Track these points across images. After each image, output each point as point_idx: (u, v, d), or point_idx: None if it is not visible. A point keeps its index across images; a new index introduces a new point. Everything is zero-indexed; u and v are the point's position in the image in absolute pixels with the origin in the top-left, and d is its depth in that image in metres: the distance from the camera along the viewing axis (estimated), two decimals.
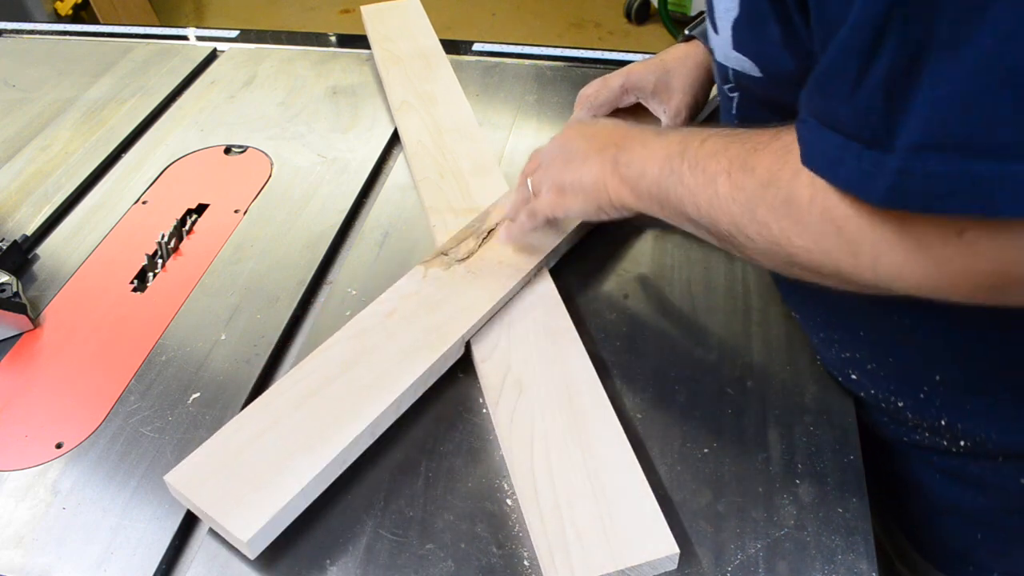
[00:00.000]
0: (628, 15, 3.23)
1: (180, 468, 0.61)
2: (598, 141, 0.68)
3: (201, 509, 0.59)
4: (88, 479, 0.65)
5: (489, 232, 0.79)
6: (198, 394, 0.70)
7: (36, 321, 0.78)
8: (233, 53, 1.19)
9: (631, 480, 0.60)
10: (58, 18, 3.00)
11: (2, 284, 0.78)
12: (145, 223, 0.89)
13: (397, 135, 0.99)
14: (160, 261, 0.84)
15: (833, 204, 0.45)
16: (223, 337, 0.75)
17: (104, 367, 0.73)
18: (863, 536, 0.58)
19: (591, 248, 0.83)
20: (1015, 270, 0.40)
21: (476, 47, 1.18)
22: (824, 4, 0.44)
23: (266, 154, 0.98)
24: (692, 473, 0.63)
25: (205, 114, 1.06)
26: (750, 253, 0.53)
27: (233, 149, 1.00)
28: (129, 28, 1.29)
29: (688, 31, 0.86)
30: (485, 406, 0.68)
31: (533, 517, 0.58)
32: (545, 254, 0.77)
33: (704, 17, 0.70)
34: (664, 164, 0.59)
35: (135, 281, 0.82)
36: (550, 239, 0.78)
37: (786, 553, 0.58)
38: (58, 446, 0.67)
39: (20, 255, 0.85)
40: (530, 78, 1.09)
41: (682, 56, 0.84)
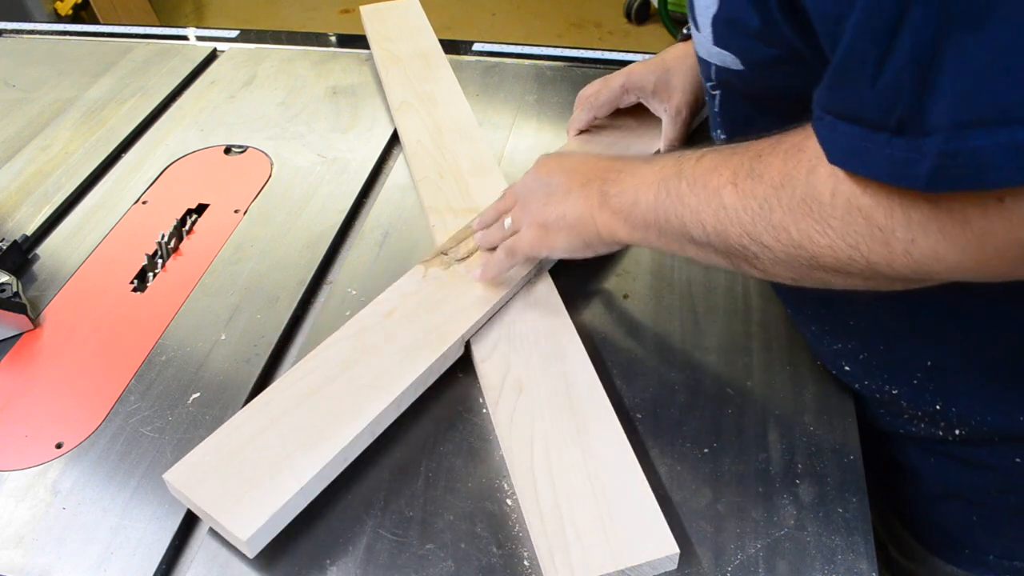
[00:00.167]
0: (628, 15, 3.23)
1: (179, 466, 0.61)
2: (580, 175, 0.66)
3: (200, 507, 0.59)
4: (88, 479, 0.65)
5: None
6: (198, 394, 0.70)
7: (36, 321, 0.78)
8: (233, 53, 1.19)
9: (631, 480, 0.60)
10: (58, 18, 3.00)
11: (2, 284, 0.78)
12: (145, 223, 0.89)
13: (397, 135, 0.99)
14: (160, 261, 0.84)
15: (858, 194, 0.44)
16: (223, 337, 0.75)
17: (104, 367, 0.73)
18: (863, 536, 0.58)
19: None
20: None
21: (476, 47, 1.18)
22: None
23: (266, 154, 0.98)
24: (692, 473, 0.63)
25: (205, 114, 1.06)
26: (765, 265, 0.52)
27: (233, 149, 1.00)
28: (129, 28, 1.29)
29: (687, 30, 0.86)
30: (485, 406, 0.68)
31: (533, 517, 0.58)
32: None
33: None
34: (659, 188, 0.58)
35: (135, 281, 0.82)
36: None
37: (786, 553, 0.58)
38: (58, 446, 0.67)
39: (20, 255, 0.85)
40: (530, 78, 1.09)
41: (682, 55, 0.84)
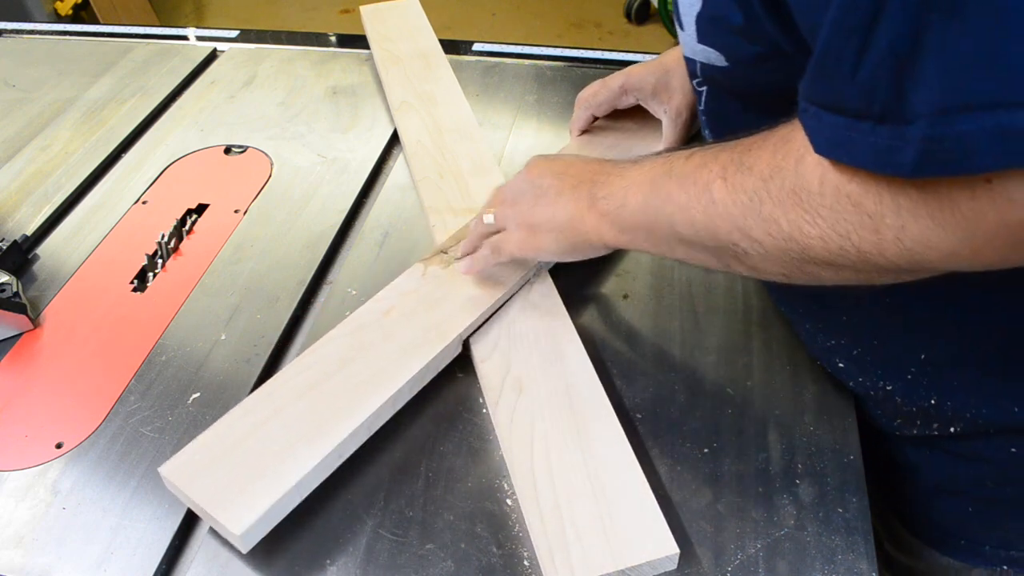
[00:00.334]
0: (628, 15, 3.23)
1: (174, 460, 0.61)
2: (570, 177, 0.66)
3: (195, 502, 0.59)
4: (88, 479, 0.65)
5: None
6: (198, 394, 0.70)
7: (36, 321, 0.78)
8: (233, 53, 1.19)
9: (631, 480, 0.60)
10: (58, 18, 3.00)
11: (2, 284, 0.78)
12: (145, 223, 0.89)
13: (397, 135, 0.99)
14: (160, 261, 0.84)
15: (846, 181, 0.44)
16: (223, 337, 0.75)
17: (104, 367, 0.73)
18: (863, 536, 0.58)
19: None
20: None
21: (476, 47, 1.18)
22: None
23: (266, 154, 0.98)
24: (692, 473, 0.63)
25: (205, 114, 1.06)
26: (755, 261, 0.52)
27: (233, 149, 1.00)
28: (129, 28, 1.29)
29: None
30: (485, 406, 0.68)
31: (533, 517, 0.58)
32: None
33: None
34: (648, 188, 0.58)
35: (135, 281, 0.82)
36: None
37: (786, 553, 0.58)
38: (58, 446, 0.67)
39: (20, 255, 0.85)
40: (530, 78, 1.09)
41: (680, 56, 0.84)
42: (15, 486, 0.65)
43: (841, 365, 0.67)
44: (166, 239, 0.85)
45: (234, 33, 1.25)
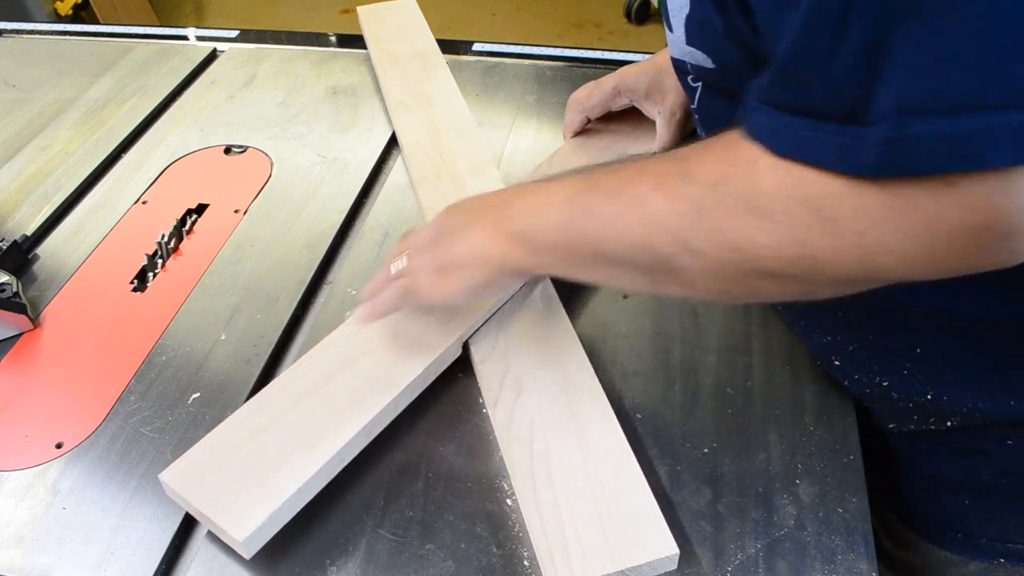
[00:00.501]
0: (628, 15, 3.23)
1: (175, 467, 0.61)
2: (476, 211, 0.62)
3: (196, 508, 0.59)
4: (88, 479, 0.65)
5: None
6: (198, 394, 0.70)
7: (36, 321, 0.78)
8: (233, 53, 1.19)
9: (630, 481, 0.60)
10: (58, 18, 3.00)
11: (2, 284, 0.78)
12: (145, 223, 0.89)
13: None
14: (160, 261, 0.84)
15: (806, 184, 0.42)
16: (223, 337, 0.75)
17: (104, 367, 0.73)
18: (863, 536, 0.58)
19: None
20: (1010, 220, 0.39)
21: (476, 47, 1.18)
22: None
23: (266, 154, 0.98)
24: (692, 473, 0.63)
25: (205, 114, 1.06)
26: (693, 276, 0.49)
27: (233, 149, 1.00)
28: (129, 28, 1.29)
29: None
30: (485, 406, 0.68)
31: (532, 518, 0.58)
32: None
33: None
34: (566, 204, 0.54)
35: (135, 281, 0.82)
36: None
37: (786, 553, 0.58)
38: (58, 446, 0.67)
39: (20, 255, 0.85)
40: (530, 78, 1.09)
41: None
42: (15, 486, 0.65)
43: (837, 363, 0.67)
44: (166, 239, 0.85)
45: (234, 33, 1.25)
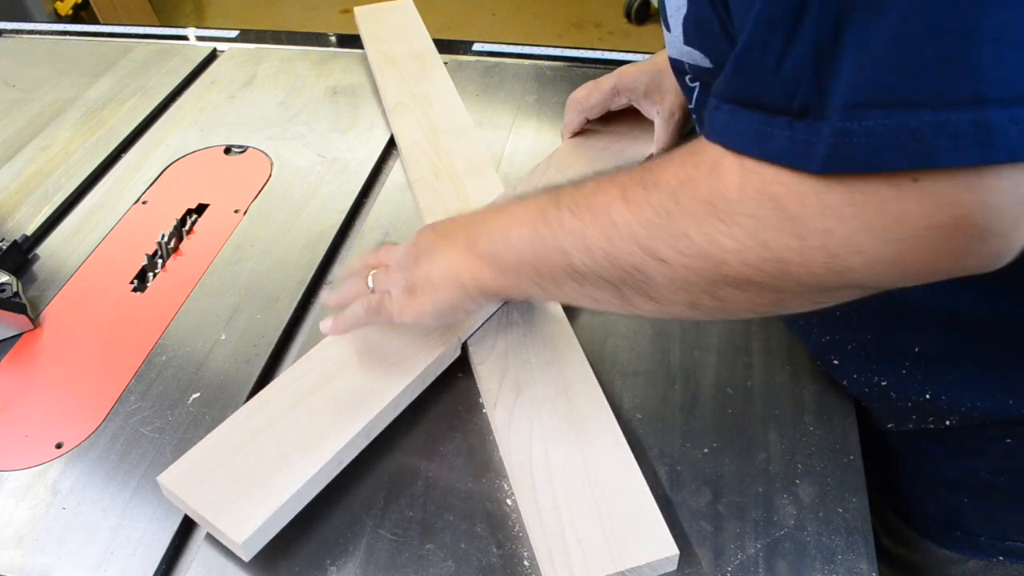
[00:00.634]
0: (628, 15, 3.23)
1: (173, 469, 0.60)
2: (449, 233, 0.62)
3: (195, 510, 0.58)
4: (88, 479, 0.65)
5: None
6: (198, 394, 0.70)
7: (36, 321, 0.78)
8: (233, 53, 1.19)
9: (630, 481, 0.60)
10: (58, 18, 3.00)
11: (2, 284, 0.78)
12: (145, 223, 0.89)
13: None
14: (160, 261, 0.84)
15: (768, 182, 0.42)
16: (223, 337, 0.75)
17: (104, 367, 0.73)
18: (863, 536, 0.58)
19: None
20: (979, 219, 0.38)
21: (476, 47, 1.18)
22: None
23: (266, 154, 0.98)
24: (692, 473, 0.63)
25: (205, 114, 1.06)
26: (660, 289, 0.48)
27: (233, 149, 1.00)
28: (129, 28, 1.29)
29: None
30: (485, 406, 0.68)
31: (532, 519, 0.58)
32: None
33: None
34: (533, 222, 0.54)
35: (135, 281, 0.82)
36: None
37: (786, 553, 0.58)
38: (58, 446, 0.67)
39: (20, 255, 0.85)
40: (530, 78, 1.09)
41: None
42: (15, 486, 0.65)
43: (836, 362, 0.67)
44: (166, 239, 0.85)
45: (234, 33, 1.25)
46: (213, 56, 1.18)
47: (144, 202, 0.92)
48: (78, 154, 0.99)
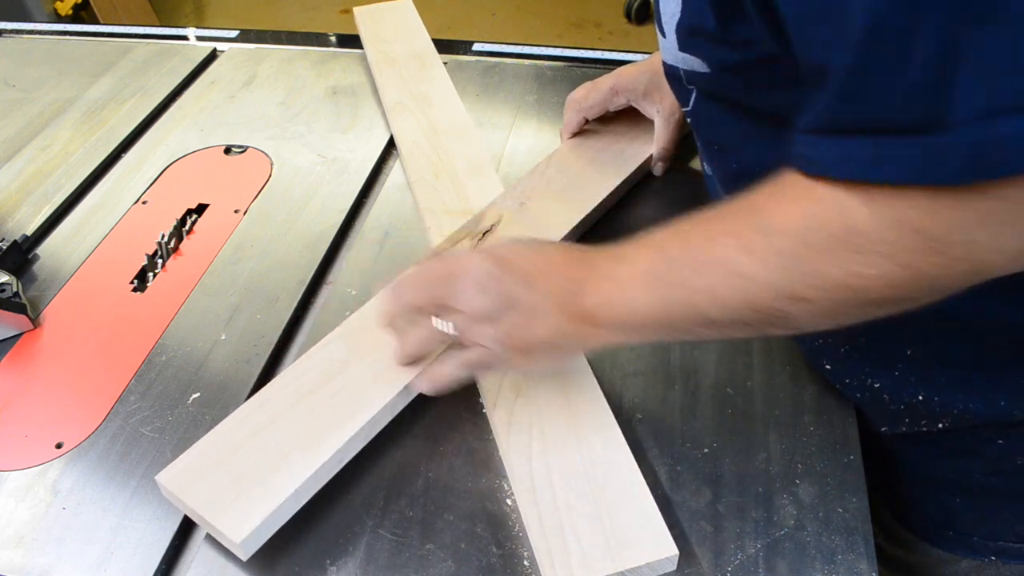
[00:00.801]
0: (628, 15, 3.23)
1: (171, 468, 0.60)
2: (540, 285, 0.57)
3: (193, 510, 0.58)
4: (88, 479, 0.65)
5: (484, 233, 0.79)
6: (198, 394, 0.70)
7: (36, 321, 0.78)
8: (233, 53, 1.19)
9: (630, 482, 0.60)
10: (58, 18, 3.00)
11: (2, 284, 0.78)
12: (145, 223, 0.89)
13: None
14: (160, 261, 0.84)
15: (900, 207, 0.42)
16: (223, 337, 0.75)
17: (104, 367, 0.73)
18: (863, 536, 0.58)
19: None
20: None
21: (476, 47, 1.18)
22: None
23: (266, 154, 0.98)
24: (692, 473, 0.63)
25: (205, 114, 1.06)
26: (803, 320, 0.49)
27: (233, 149, 1.00)
28: (129, 28, 1.29)
29: None
30: (485, 406, 0.68)
31: (532, 519, 0.58)
32: None
33: None
34: (654, 285, 0.53)
35: (135, 281, 0.82)
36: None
37: (786, 553, 0.58)
38: (58, 446, 0.67)
39: (20, 255, 0.85)
40: (530, 78, 1.09)
41: None
42: (15, 486, 0.65)
43: (828, 366, 0.67)
44: (166, 239, 0.85)
45: (234, 33, 1.25)
46: (213, 56, 1.18)
47: (144, 202, 0.92)
48: (78, 154, 0.99)
